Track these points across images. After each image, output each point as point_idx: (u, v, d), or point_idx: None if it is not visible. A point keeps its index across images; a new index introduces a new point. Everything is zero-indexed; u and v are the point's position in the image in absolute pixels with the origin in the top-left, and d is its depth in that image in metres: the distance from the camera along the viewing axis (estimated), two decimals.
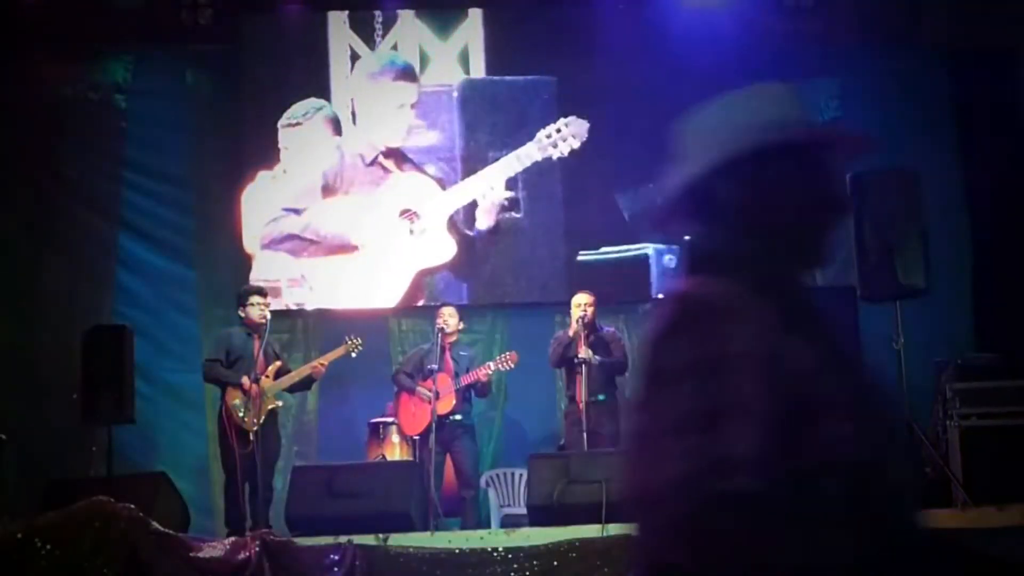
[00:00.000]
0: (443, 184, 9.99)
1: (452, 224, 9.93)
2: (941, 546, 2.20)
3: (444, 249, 9.92)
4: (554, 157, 9.88)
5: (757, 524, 1.93)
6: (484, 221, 9.89)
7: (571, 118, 9.85)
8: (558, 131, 9.84)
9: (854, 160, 2.67)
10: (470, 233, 9.91)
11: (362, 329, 8.70)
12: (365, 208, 9.96)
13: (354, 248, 9.92)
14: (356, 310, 9.88)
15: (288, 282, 9.85)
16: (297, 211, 9.92)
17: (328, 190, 9.98)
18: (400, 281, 9.91)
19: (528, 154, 9.89)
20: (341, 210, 9.96)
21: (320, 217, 9.93)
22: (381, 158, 10.01)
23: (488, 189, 9.84)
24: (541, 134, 9.88)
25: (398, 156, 10.04)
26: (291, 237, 9.89)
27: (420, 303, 9.82)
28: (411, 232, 9.87)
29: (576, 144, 9.84)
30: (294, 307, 9.83)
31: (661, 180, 2.28)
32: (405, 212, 9.88)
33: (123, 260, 10.02)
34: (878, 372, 2.25)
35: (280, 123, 9.98)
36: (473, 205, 9.90)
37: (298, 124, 10.01)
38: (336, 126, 10.06)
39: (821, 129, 2.45)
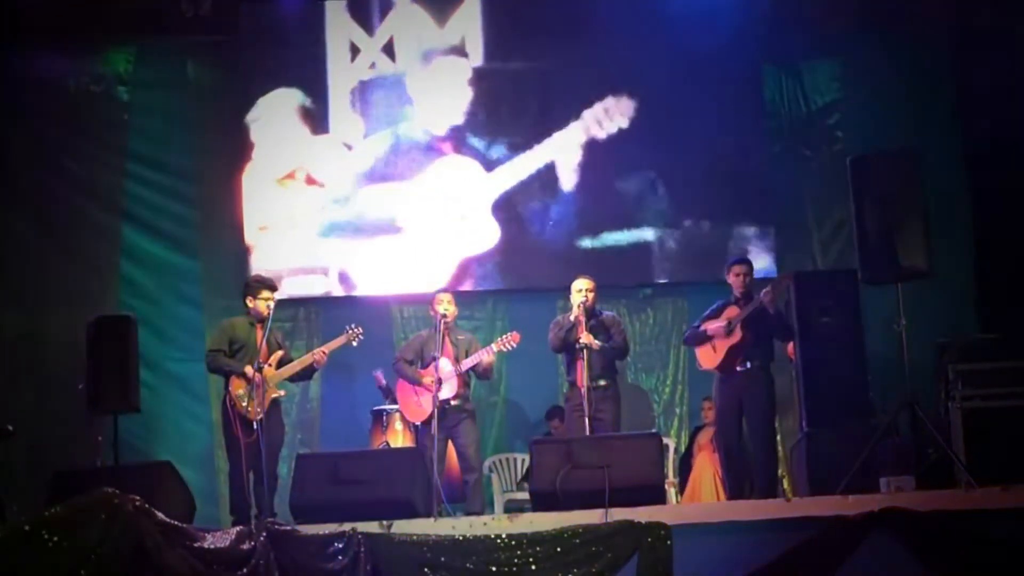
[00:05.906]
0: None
1: (497, 209, 9.93)
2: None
3: (489, 235, 9.92)
4: (599, 137, 9.82)
5: None
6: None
7: (621, 97, 9.77)
8: (605, 111, 9.76)
9: None
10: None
11: (364, 317, 8.71)
12: (412, 194, 9.98)
13: (399, 233, 9.95)
14: (399, 296, 9.95)
15: (332, 269, 9.95)
16: (345, 200, 9.98)
17: (376, 177, 10.00)
18: (445, 267, 9.95)
19: (573, 133, 9.84)
20: (388, 197, 9.97)
21: (367, 205, 9.95)
22: (436, 142, 10.01)
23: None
24: (587, 114, 9.80)
25: (455, 137, 10.02)
26: (339, 227, 9.95)
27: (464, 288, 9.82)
28: (456, 218, 9.89)
29: (624, 123, 9.76)
30: (342, 295, 9.93)
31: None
32: (450, 199, 9.89)
33: (127, 251, 10.06)
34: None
35: (248, 118, 10.00)
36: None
37: (260, 118, 10.01)
38: (307, 116, 10.03)
39: None
